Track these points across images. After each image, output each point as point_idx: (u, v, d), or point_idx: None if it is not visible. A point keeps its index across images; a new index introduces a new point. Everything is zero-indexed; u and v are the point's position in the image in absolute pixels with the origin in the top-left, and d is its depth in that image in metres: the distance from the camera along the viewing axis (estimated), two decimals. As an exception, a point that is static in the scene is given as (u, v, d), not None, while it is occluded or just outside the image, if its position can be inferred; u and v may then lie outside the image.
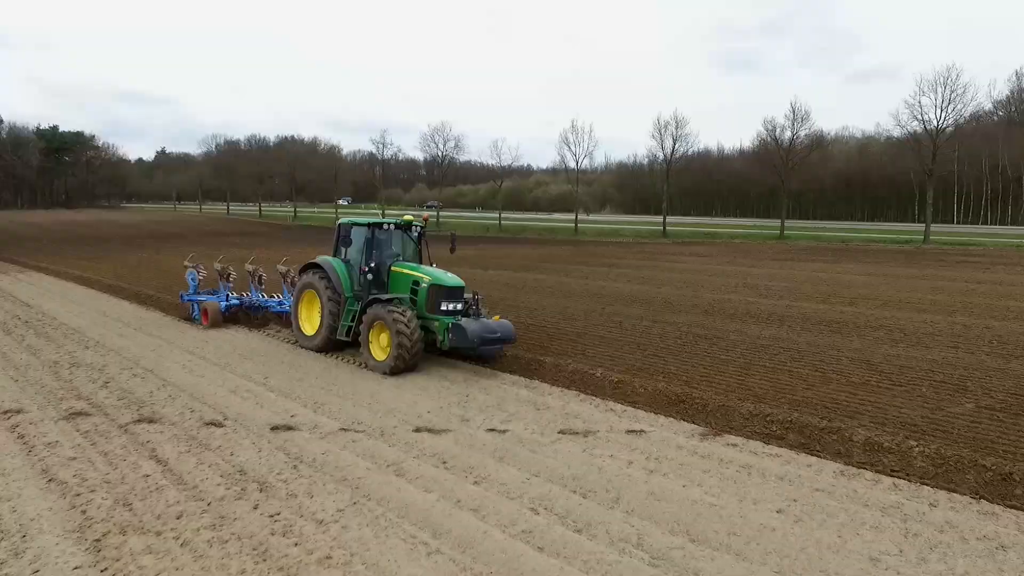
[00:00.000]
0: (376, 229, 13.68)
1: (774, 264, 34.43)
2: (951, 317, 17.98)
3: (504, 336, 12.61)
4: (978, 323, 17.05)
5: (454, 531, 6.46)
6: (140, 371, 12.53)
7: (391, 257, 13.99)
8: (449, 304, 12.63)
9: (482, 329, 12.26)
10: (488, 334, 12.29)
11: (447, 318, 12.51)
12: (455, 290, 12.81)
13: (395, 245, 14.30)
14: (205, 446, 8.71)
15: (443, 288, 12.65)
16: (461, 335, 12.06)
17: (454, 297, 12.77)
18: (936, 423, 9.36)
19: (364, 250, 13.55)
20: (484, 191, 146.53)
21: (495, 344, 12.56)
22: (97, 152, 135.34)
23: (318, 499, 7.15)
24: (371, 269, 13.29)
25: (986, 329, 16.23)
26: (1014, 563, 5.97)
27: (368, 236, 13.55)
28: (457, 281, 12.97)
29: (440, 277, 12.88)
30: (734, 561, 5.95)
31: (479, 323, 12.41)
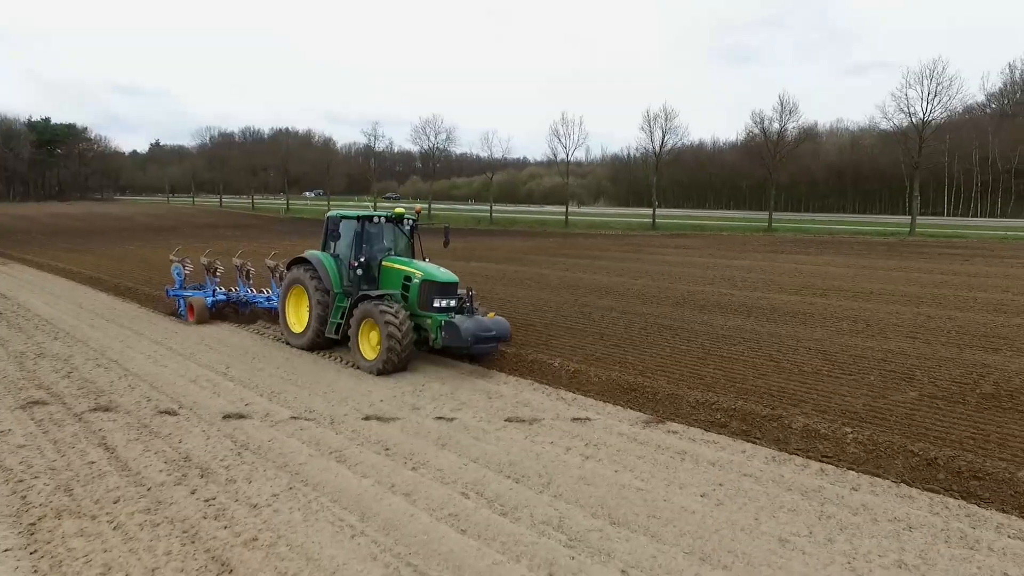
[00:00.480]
0: (366, 222, 13.26)
1: (756, 256, 34.61)
2: (917, 308, 18.18)
3: (500, 334, 12.11)
4: (942, 314, 17.26)
5: (382, 514, 6.63)
6: (105, 361, 12.67)
7: (382, 251, 13.52)
8: (442, 300, 12.18)
9: (476, 327, 11.74)
10: (483, 332, 11.78)
11: (440, 315, 12.06)
12: (448, 286, 12.36)
13: (386, 239, 13.77)
14: (155, 434, 8.87)
15: (436, 284, 12.20)
16: (454, 333, 11.57)
17: (447, 293, 12.30)
18: (876, 411, 9.55)
19: (353, 244, 13.11)
20: (478, 184, 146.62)
21: (490, 343, 12.06)
22: (89, 144, 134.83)
23: (256, 484, 7.32)
24: (360, 264, 12.84)
25: (948, 320, 16.43)
26: (917, 542, 6.16)
27: (358, 230, 13.13)
28: (450, 276, 12.49)
29: (432, 272, 12.39)
30: (648, 542, 6.14)
31: (473, 321, 11.87)
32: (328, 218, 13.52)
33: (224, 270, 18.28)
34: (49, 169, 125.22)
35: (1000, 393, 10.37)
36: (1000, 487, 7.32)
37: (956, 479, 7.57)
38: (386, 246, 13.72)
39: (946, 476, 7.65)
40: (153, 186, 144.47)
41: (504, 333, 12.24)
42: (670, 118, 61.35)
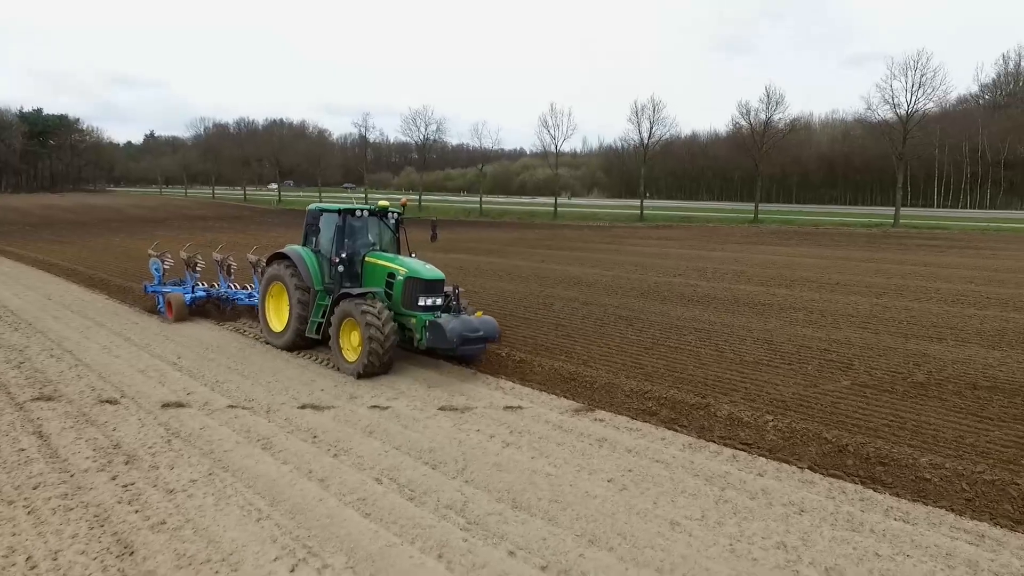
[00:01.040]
0: (348, 216, 12.49)
1: (735, 248, 34.76)
2: (877, 299, 18.37)
3: (487, 334, 11.45)
4: (900, 304, 17.45)
5: (292, 499, 6.82)
6: (59, 352, 12.82)
7: (366, 247, 12.81)
8: (427, 299, 11.53)
9: (462, 327, 11.07)
10: (469, 333, 11.12)
11: (425, 315, 11.41)
12: (434, 283, 11.68)
13: (370, 233, 13.07)
14: (92, 422, 9.03)
15: (420, 281, 11.53)
16: (439, 334, 10.89)
17: (433, 291, 11.66)
18: (804, 399, 9.74)
19: (335, 239, 12.40)
20: (472, 175, 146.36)
21: (477, 344, 11.39)
22: (81, 135, 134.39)
23: (177, 471, 7.49)
24: (342, 260, 12.17)
25: (904, 310, 16.62)
26: (803, 525, 6.36)
27: (339, 224, 12.38)
28: (436, 273, 11.81)
29: (417, 269, 11.69)
30: (543, 525, 6.33)
31: (459, 320, 11.19)
32: (308, 211, 13.09)
33: (205, 265, 17.59)
34: (41, 160, 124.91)
35: (930, 382, 10.57)
36: (903, 472, 7.52)
37: (863, 465, 7.77)
38: (370, 241, 13.05)
39: (855, 462, 7.85)
40: (147, 178, 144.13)
41: (492, 333, 11.59)
42: (658, 109, 61.35)
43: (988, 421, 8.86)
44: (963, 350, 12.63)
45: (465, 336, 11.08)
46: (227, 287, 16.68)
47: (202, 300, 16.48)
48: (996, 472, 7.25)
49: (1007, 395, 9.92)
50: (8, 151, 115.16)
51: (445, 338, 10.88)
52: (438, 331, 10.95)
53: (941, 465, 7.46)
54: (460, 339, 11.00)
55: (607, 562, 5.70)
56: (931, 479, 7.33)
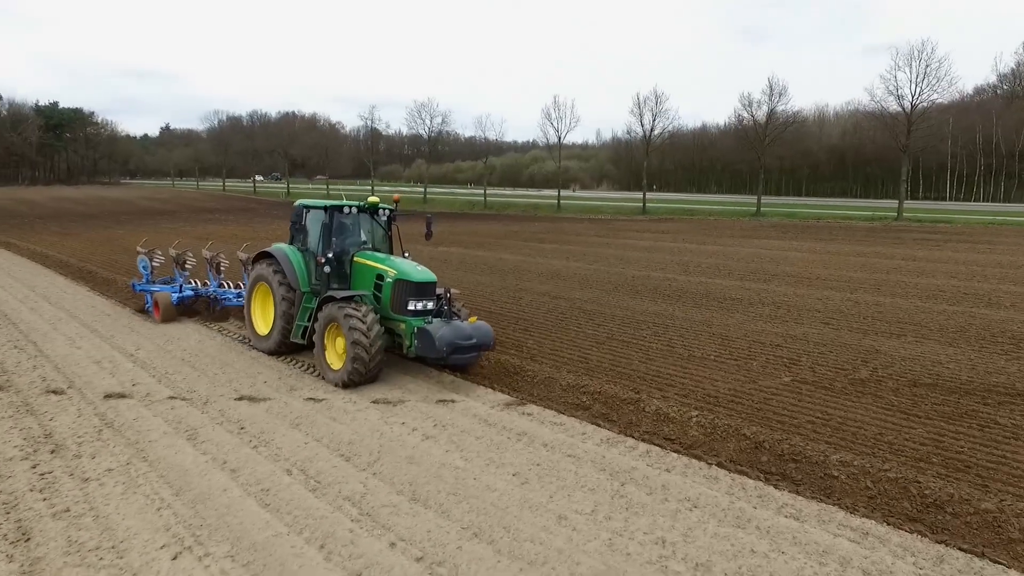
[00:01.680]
0: (336, 213, 11.73)
1: (728, 241, 34.52)
2: (851, 294, 18.21)
3: (481, 342, 10.56)
4: (872, 300, 17.30)
5: (197, 489, 6.98)
6: (24, 343, 13.11)
7: (356, 245, 12.10)
8: (417, 303, 10.77)
9: (453, 334, 10.22)
10: (461, 340, 10.25)
11: (416, 320, 10.69)
12: (425, 286, 10.90)
13: (361, 231, 12.35)
14: (32, 412, 9.26)
15: (410, 284, 10.76)
16: (427, 342, 10.14)
17: (424, 294, 10.87)
18: (738, 395, 9.75)
19: (321, 238, 11.69)
20: (481, 167, 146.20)
21: (470, 352, 10.51)
22: (96, 128, 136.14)
23: (97, 460, 7.69)
24: (329, 260, 11.41)
25: (874, 306, 16.48)
26: (690, 521, 6.40)
27: (326, 221, 11.65)
28: (427, 275, 11.01)
29: (406, 270, 10.92)
30: (433, 517, 6.43)
31: (450, 327, 10.34)
32: (294, 208, 12.30)
33: (195, 263, 17.10)
34: (57, 153, 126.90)
35: (871, 379, 10.52)
36: (812, 469, 7.54)
37: (776, 461, 7.79)
38: (361, 239, 12.32)
39: (769, 459, 7.87)
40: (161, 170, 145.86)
41: (486, 340, 10.68)
42: (660, 101, 60.85)
43: (915, 419, 8.83)
44: (919, 347, 12.53)
45: (456, 344, 10.20)
46: (216, 286, 16.09)
47: (190, 299, 15.79)
48: (903, 470, 7.24)
49: (944, 393, 9.85)
50: (24, 144, 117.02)
51: (434, 347, 10.07)
52: (427, 339, 10.17)
53: (850, 463, 7.46)
54: (450, 347, 10.14)
55: (482, 554, 5.80)
56: (838, 476, 7.34)
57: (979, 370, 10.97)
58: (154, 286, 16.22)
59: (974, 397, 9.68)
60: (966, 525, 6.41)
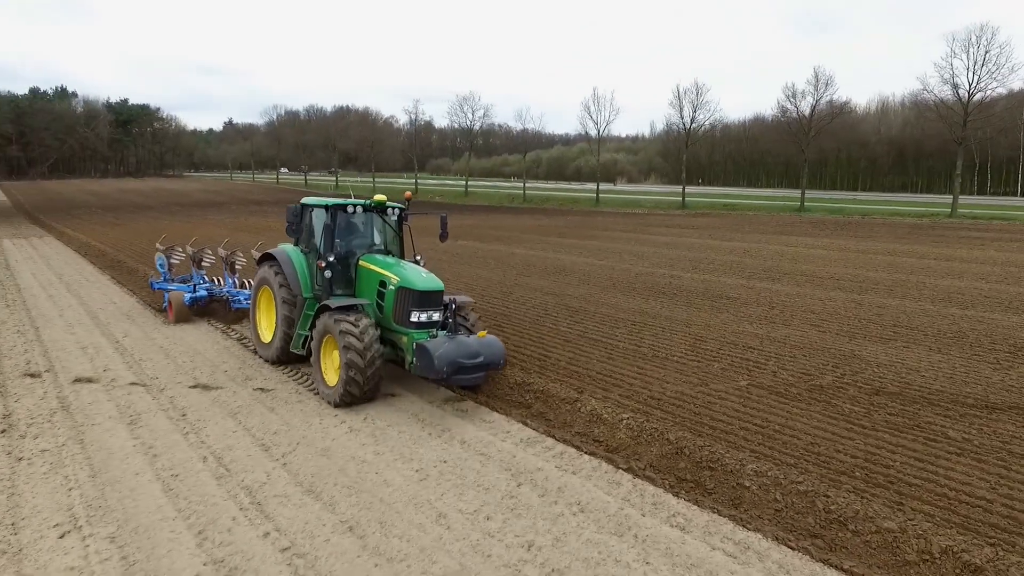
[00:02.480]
0: (339, 212, 10.72)
1: (757, 238, 33.40)
2: (859, 295, 17.38)
3: (489, 360, 9.44)
4: (877, 302, 16.47)
5: (113, 473, 7.32)
6: (27, 328, 13.98)
7: (364, 247, 11.18)
8: (422, 313, 9.72)
9: (456, 351, 9.07)
10: (465, 359, 9.11)
11: (420, 333, 9.68)
12: (429, 295, 9.79)
13: (369, 232, 11.46)
14: (2, 393, 9.88)
15: (413, 292, 9.68)
16: (426, 360, 9.00)
17: (429, 304, 9.79)
18: (683, 398, 9.49)
19: (323, 239, 10.77)
20: (529, 160, 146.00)
21: (475, 372, 9.34)
22: (162, 123, 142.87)
23: (38, 440, 8.16)
24: (330, 264, 10.47)
25: (876, 308, 15.69)
26: (570, 525, 6.31)
27: (327, 222, 10.69)
28: (433, 283, 9.91)
29: (410, 277, 9.85)
30: (318, 509, 6.55)
31: (454, 343, 9.19)
32: (289, 209, 10.95)
33: (213, 260, 16.62)
34: (126, 147, 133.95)
35: (833, 386, 10.04)
36: (727, 478, 7.29)
37: (693, 468, 7.57)
38: (370, 241, 11.41)
39: (686, 465, 7.66)
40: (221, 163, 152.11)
41: (495, 358, 9.57)
42: (701, 93, 59.27)
43: (858, 429, 8.39)
44: (902, 353, 11.87)
45: (459, 363, 9.05)
46: (232, 286, 15.35)
47: (205, 300, 15.04)
48: (818, 483, 6.92)
49: (905, 403, 9.32)
50: (96, 139, 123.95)
51: (432, 366, 8.89)
52: (425, 356, 9.01)
53: (764, 473, 7.18)
54: (452, 367, 8.97)
55: (347, 548, 5.88)
56: (749, 487, 7.08)
57: (956, 380, 10.31)
58: (171, 285, 15.73)
59: (936, 408, 9.12)
60: (864, 544, 6.09)
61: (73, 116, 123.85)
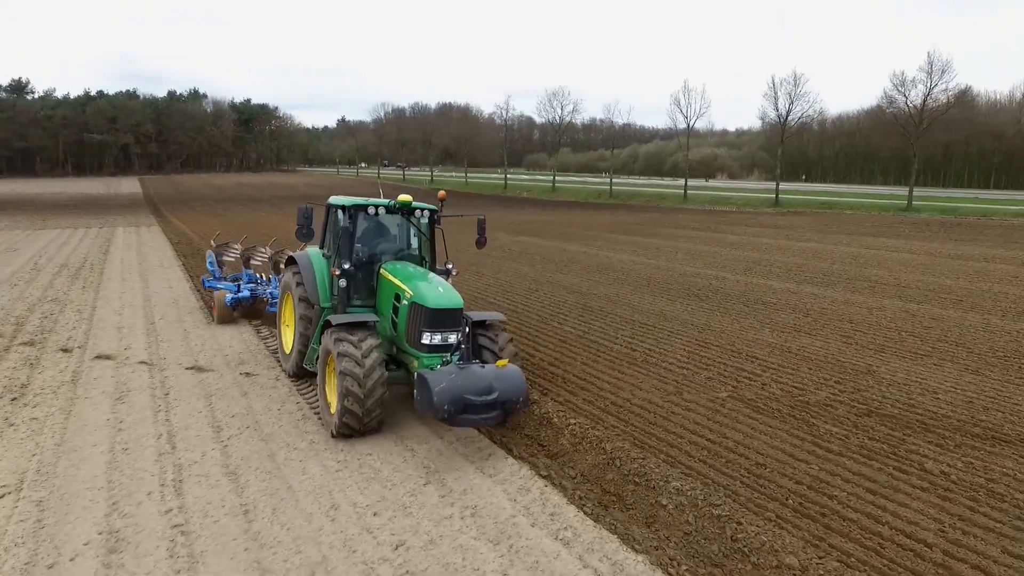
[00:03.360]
0: (359, 213, 9.70)
1: (840, 239, 30.86)
2: (917, 305, 15.68)
3: (505, 398, 7.75)
4: (934, 313, 14.79)
5: (76, 443, 7.99)
6: (87, 308, 15.53)
7: (390, 254, 10.15)
8: (434, 335, 8.35)
9: (463, 386, 7.48)
10: (474, 395, 7.49)
11: (432, 357, 8.33)
12: (444, 314, 8.39)
13: (397, 237, 10.49)
14: (32, 365, 11.07)
15: (424, 309, 8.34)
16: (424, 395, 7.54)
17: (443, 324, 8.38)
18: (646, 406, 9.05)
19: (340, 245, 9.69)
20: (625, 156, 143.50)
21: (485, 413, 7.65)
22: (279, 122, 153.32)
23: (35, 409, 9.04)
24: (346, 272, 9.45)
25: (929, 320, 14.10)
26: (452, 527, 6.19)
27: (346, 224, 9.61)
28: (448, 299, 8.49)
29: (424, 291, 8.52)
30: (230, 490, 6.86)
31: (462, 374, 7.66)
32: (299, 210, 9.75)
33: (264, 260, 16.34)
34: (247, 144, 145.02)
35: (822, 403, 9.18)
36: (647, 494, 6.90)
37: (619, 481, 7.22)
38: (397, 246, 10.39)
39: (614, 477, 7.32)
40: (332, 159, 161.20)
41: (514, 395, 7.85)
42: (799, 83, 55.43)
43: (821, 454, 7.62)
44: (930, 370, 10.62)
45: (465, 400, 7.41)
46: (276, 286, 14.23)
47: (249, 301, 14.39)
48: (737, 509, 6.39)
49: (897, 427, 8.36)
50: (222, 137, 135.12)
51: (431, 402, 7.36)
52: (424, 390, 7.53)
53: (685, 492, 6.72)
54: (455, 404, 7.36)
55: (230, 530, 6.11)
56: (666, 506, 6.65)
57: (975, 405, 9.08)
58: (220, 284, 15.41)
59: (929, 436, 8.10)
60: (760, 578, 5.56)
61: (203, 116, 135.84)
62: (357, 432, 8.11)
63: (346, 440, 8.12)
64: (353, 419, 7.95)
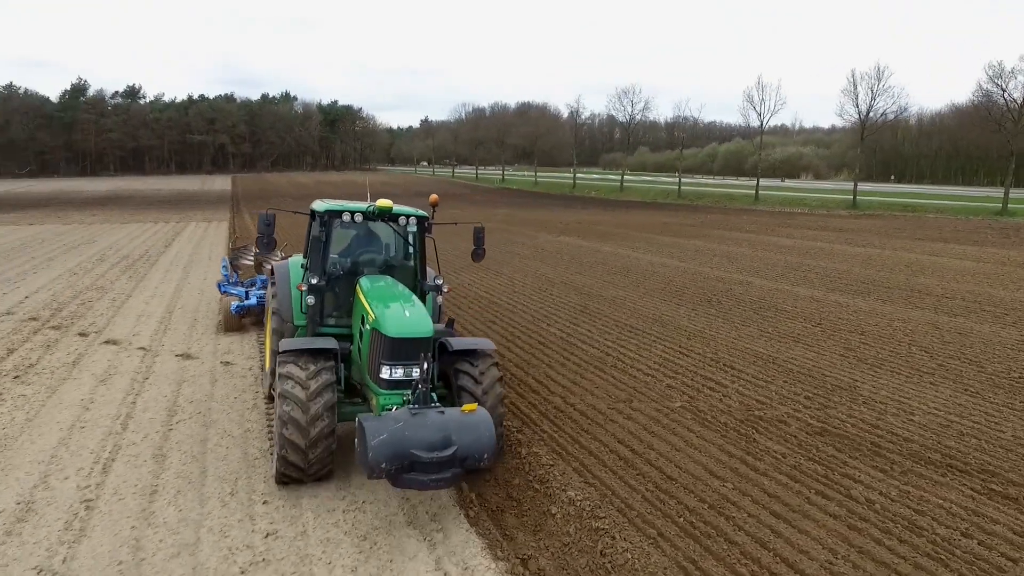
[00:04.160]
0: (335, 220, 8.31)
1: (903, 244, 28.64)
2: (949, 318, 14.39)
3: (465, 453, 6.12)
4: (959, 327, 13.55)
5: (44, 419, 8.69)
6: (122, 297, 16.79)
7: (375, 265, 8.67)
8: (395, 368, 6.86)
9: (410, 438, 6.01)
10: (422, 450, 5.98)
11: (391, 396, 6.85)
12: (409, 343, 6.84)
13: (386, 247, 9.07)
14: (48, 347, 12.08)
15: (383, 338, 6.87)
16: (360, 446, 6.12)
17: (406, 354, 6.84)
18: (588, 412, 8.90)
19: (310, 255, 8.60)
20: (703, 155, 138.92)
21: (436, 474, 6.03)
22: (363, 122, 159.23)
23: (29, 387, 9.88)
24: (313, 287, 8.07)
25: (956, 334, 12.89)
26: (230, 534, 6.31)
27: (317, 233, 8.34)
28: (416, 327, 6.92)
29: (385, 315, 7.01)
30: (149, 472, 7.27)
31: (414, 422, 6.16)
32: (260, 216, 8.38)
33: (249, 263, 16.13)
34: (332, 144, 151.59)
35: (775, 419, 8.66)
36: (541, 502, 6.81)
37: (523, 486, 7.15)
38: (385, 257, 8.91)
39: (520, 482, 7.25)
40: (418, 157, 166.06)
41: (479, 449, 6.17)
42: (883, 77, 51.68)
43: (743, 472, 7.21)
44: (924, 390, 9.76)
45: (411, 457, 5.95)
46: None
47: (256, 309, 13.48)
48: (618, 524, 6.23)
49: (842, 449, 7.77)
50: (309, 137, 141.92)
51: (365, 457, 5.95)
52: (361, 439, 6.12)
53: (576, 503, 6.59)
54: (395, 460, 5.92)
55: (127, 512, 6.48)
56: (555, 515, 6.54)
57: (951, 430, 8.27)
58: (234, 290, 14.50)
59: (877, 460, 7.46)
60: (612, 596, 5.35)
61: (292, 117, 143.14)
62: (295, 479, 6.91)
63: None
64: (293, 469, 6.77)
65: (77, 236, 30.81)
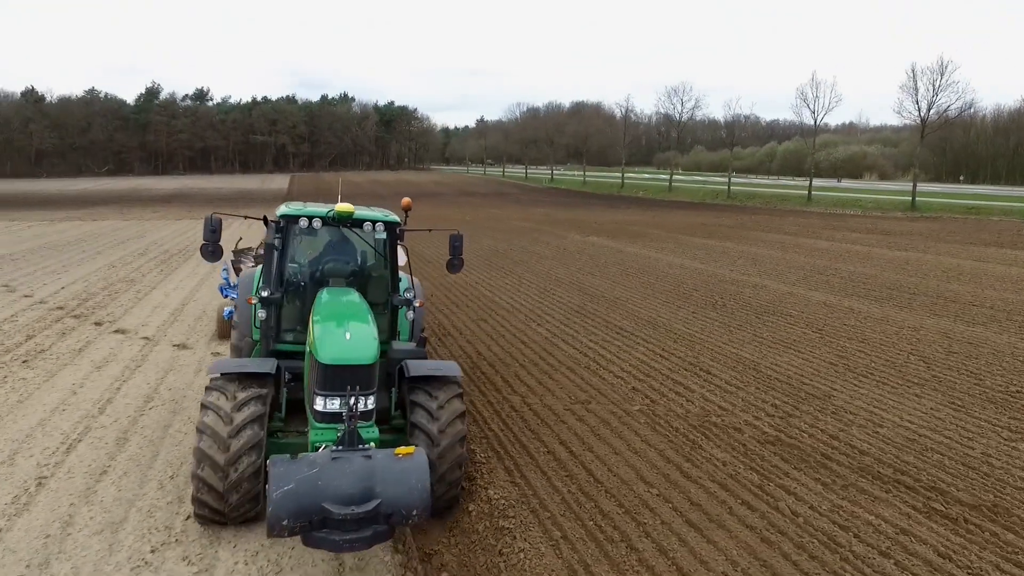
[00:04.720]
0: (292, 227, 7.53)
1: (947, 248, 27.02)
2: (964, 327, 13.56)
3: (390, 508, 5.12)
4: (970, 335, 12.79)
5: (32, 401, 9.33)
6: (146, 289, 17.73)
7: (341, 276, 7.87)
8: (329, 399, 5.95)
9: (323, 488, 5.05)
10: (335, 504, 5.02)
11: (324, 431, 5.96)
12: (345, 371, 5.91)
13: (355, 255, 8.24)
14: (63, 334, 12.90)
15: (317, 365, 6.02)
16: (269, 499, 5.01)
17: (341, 383, 5.86)
18: (541, 414, 8.91)
19: (265, 264, 7.74)
20: (761, 154, 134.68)
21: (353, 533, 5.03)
22: (418, 122, 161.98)
23: (31, 371, 10.59)
24: (264, 299, 7.29)
25: (965, 343, 12.16)
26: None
27: (272, 241, 7.56)
28: (354, 352, 6.04)
29: (322, 337, 6.20)
30: (105, 453, 7.72)
31: (331, 468, 5.15)
32: (205, 221, 7.45)
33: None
34: (387, 144, 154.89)
35: (730, 427, 8.44)
36: (462, 499, 6.81)
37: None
38: (352, 267, 8.09)
39: (450, 479, 7.27)
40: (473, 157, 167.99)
41: (408, 503, 5.16)
42: (947, 72, 48.86)
43: (675, 479, 7.10)
44: (904, 401, 9.29)
45: (323, 512, 5.01)
46: None
47: None
48: (524, 524, 6.24)
49: (787, 459, 7.51)
50: (365, 137, 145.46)
51: (268, 512, 4.98)
52: (268, 493, 5.06)
53: (492, 500, 6.63)
54: (300, 519, 4.99)
55: (70, 490, 6.93)
56: (471, 512, 6.60)
57: (917, 445, 7.83)
58: (233, 293, 13.19)
59: (823, 472, 7.17)
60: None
61: (349, 118, 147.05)
62: (211, 518, 6.03)
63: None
64: (210, 511, 5.94)
65: (131, 231, 32.64)
